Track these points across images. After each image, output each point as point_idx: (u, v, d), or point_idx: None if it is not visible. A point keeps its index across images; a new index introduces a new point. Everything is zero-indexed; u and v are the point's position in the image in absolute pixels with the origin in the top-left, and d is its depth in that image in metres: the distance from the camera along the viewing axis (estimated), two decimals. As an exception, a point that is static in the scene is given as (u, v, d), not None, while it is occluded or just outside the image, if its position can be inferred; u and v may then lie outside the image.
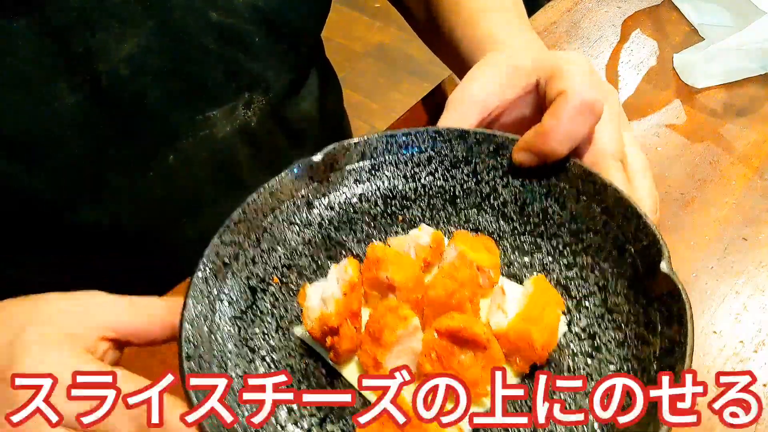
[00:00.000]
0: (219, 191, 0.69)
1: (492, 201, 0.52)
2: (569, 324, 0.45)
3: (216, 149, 0.66)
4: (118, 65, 0.56)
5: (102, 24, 0.54)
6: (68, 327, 0.40)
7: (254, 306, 0.47)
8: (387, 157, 0.53)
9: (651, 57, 0.82)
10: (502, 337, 0.42)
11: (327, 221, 0.51)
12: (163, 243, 0.68)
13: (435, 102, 0.77)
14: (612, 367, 0.43)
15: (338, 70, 0.85)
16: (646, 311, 0.43)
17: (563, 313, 0.45)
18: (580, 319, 0.45)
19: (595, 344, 0.44)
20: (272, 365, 0.45)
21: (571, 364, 0.44)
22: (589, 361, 0.44)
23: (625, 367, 0.42)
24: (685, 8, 0.87)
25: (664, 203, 0.66)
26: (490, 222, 0.51)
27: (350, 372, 0.45)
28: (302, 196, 0.51)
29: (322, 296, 0.44)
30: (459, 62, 0.64)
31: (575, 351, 0.44)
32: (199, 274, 0.44)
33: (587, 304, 0.46)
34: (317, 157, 0.50)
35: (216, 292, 0.45)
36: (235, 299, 0.46)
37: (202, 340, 0.42)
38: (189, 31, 0.58)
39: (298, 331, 0.46)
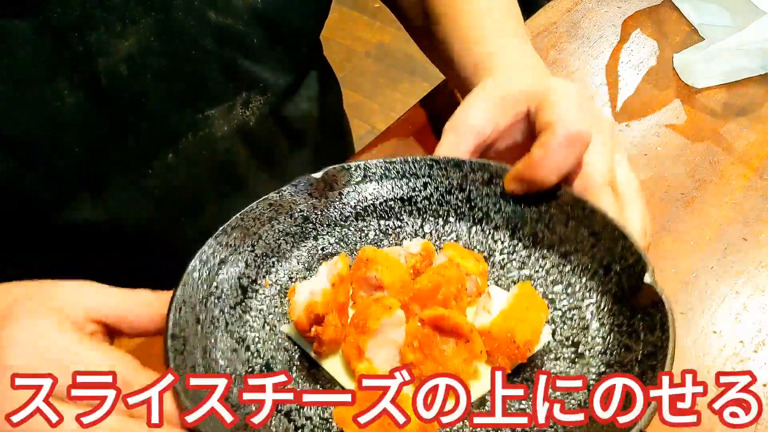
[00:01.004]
0: (219, 191, 0.69)
1: (484, 226, 0.53)
2: (553, 333, 0.46)
3: (215, 149, 0.66)
4: (118, 64, 0.56)
5: (102, 23, 0.54)
6: (56, 303, 0.41)
7: (244, 303, 0.48)
8: (384, 181, 0.54)
9: (651, 57, 0.82)
10: (485, 334, 0.43)
11: (322, 236, 0.53)
12: (163, 243, 0.68)
13: (435, 102, 0.77)
14: (593, 370, 0.44)
15: (338, 70, 0.85)
16: (630, 322, 0.44)
17: (547, 322, 0.46)
18: (564, 329, 0.47)
19: (579, 351, 0.45)
20: (257, 354, 0.46)
21: (554, 369, 0.45)
22: (572, 365, 0.45)
23: (607, 371, 0.43)
24: (685, 8, 0.87)
25: (664, 203, 0.66)
26: (481, 242, 0.53)
27: (331, 365, 0.45)
28: (300, 211, 0.52)
29: (311, 290, 0.45)
30: (454, 78, 0.66)
31: (559, 356, 0.45)
32: (194, 264, 0.46)
33: (571, 315, 0.47)
34: (317, 175, 0.52)
35: (207, 287, 0.46)
36: (225, 295, 0.47)
37: (189, 329, 0.43)
38: (188, 31, 0.58)
39: (285, 328, 0.48)
